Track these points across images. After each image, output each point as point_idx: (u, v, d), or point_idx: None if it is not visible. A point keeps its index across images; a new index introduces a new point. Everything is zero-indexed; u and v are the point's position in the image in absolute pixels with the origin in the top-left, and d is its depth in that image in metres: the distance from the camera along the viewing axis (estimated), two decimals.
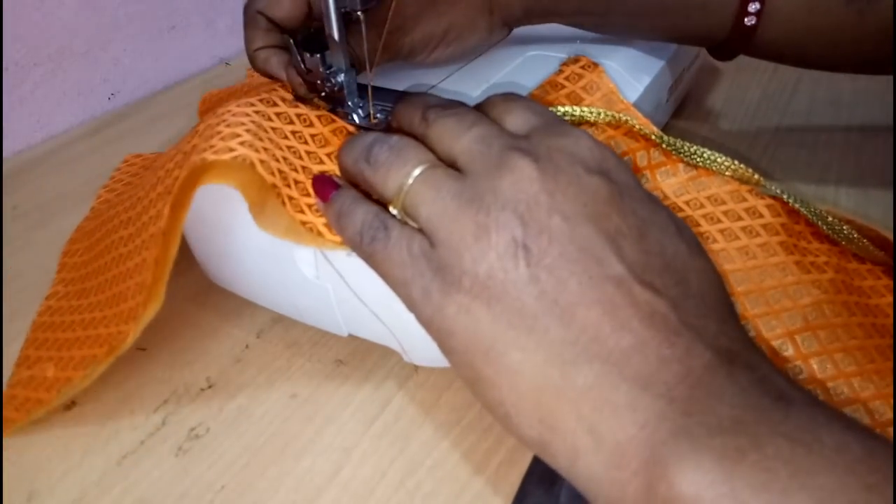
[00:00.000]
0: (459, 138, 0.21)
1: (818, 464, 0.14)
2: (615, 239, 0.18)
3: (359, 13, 0.26)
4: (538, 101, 0.29)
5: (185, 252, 0.31)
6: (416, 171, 0.21)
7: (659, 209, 0.21)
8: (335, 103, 0.29)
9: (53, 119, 0.52)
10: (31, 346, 0.29)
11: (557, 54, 0.35)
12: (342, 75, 0.28)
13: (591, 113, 0.27)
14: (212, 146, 0.24)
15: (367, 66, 0.29)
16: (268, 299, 0.29)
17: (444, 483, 0.23)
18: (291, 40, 0.29)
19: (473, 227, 0.19)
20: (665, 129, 0.42)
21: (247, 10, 0.29)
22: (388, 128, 0.27)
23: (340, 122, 0.28)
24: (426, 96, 0.24)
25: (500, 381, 0.18)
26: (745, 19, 0.30)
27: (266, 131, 0.25)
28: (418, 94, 0.25)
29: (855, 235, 0.26)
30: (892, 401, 0.21)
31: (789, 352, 0.22)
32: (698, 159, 0.26)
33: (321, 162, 0.26)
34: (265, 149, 0.24)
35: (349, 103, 0.29)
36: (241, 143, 0.24)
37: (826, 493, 0.14)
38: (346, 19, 0.27)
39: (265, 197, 0.24)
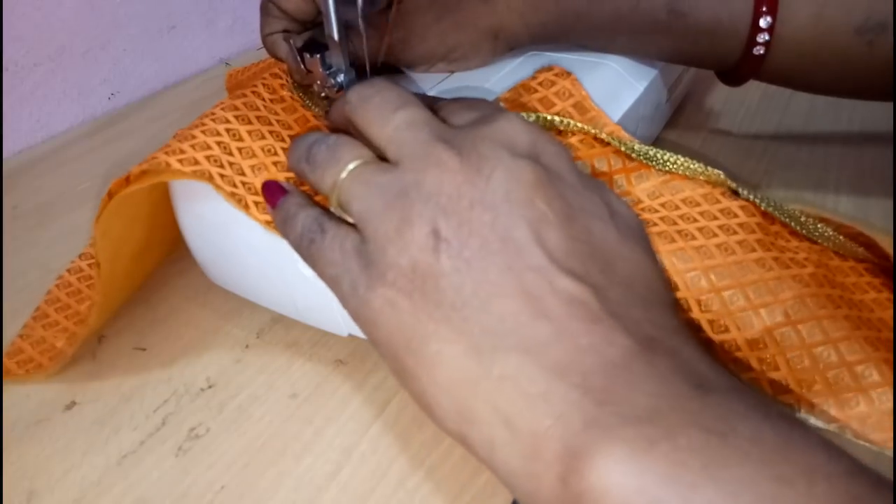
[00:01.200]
0: (385, 125, 0.21)
1: (731, 455, 0.14)
2: (537, 226, 0.18)
3: (360, 22, 0.27)
4: (509, 103, 0.29)
5: (185, 252, 0.31)
6: (350, 167, 0.21)
7: (592, 194, 0.20)
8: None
9: (53, 119, 0.52)
10: (52, 305, 0.31)
11: (557, 54, 0.35)
12: (342, 75, 0.28)
13: (562, 123, 0.27)
14: (182, 151, 0.25)
15: (367, 67, 0.29)
16: (268, 299, 0.29)
17: (443, 483, 0.23)
18: (291, 41, 0.29)
19: (397, 221, 0.19)
20: (665, 128, 0.42)
21: None
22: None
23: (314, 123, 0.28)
24: (360, 84, 0.24)
25: (421, 372, 0.18)
26: (754, 48, 0.29)
27: (241, 140, 0.26)
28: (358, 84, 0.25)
29: (831, 233, 0.26)
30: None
31: (768, 348, 0.22)
32: (671, 166, 0.26)
33: (282, 139, 0.27)
34: (231, 163, 0.25)
35: None
36: (207, 158, 0.25)
37: (736, 485, 0.13)
38: (347, 24, 0.27)
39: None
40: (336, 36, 0.27)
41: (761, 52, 0.29)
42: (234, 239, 0.27)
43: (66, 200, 0.42)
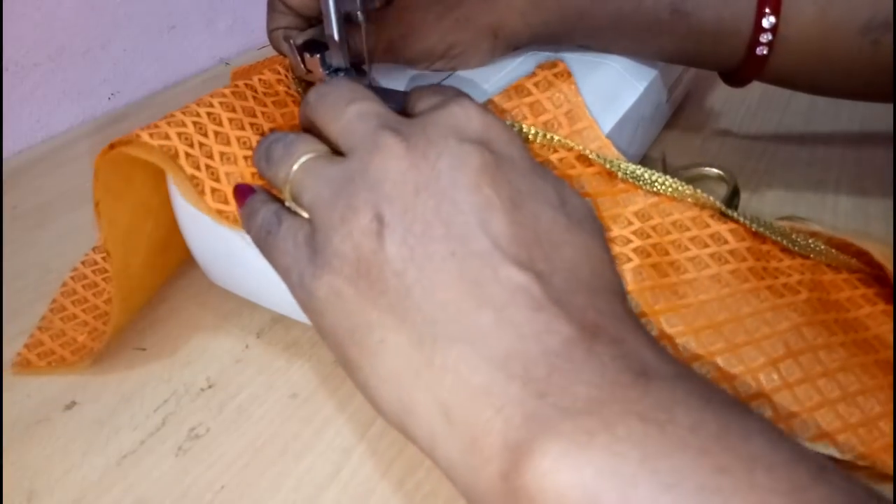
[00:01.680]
0: (338, 118, 0.21)
1: (670, 445, 0.14)
2: (483, 212, 0.18)
3: (359, 15, 0.26)
4: (496, 107, 0.29)
5: (185, 252, 0.31)
6: (301, 160, 0.21)
7: (542, 181, 0.20)
8: None
9: (53, 119, 0.52)
10: (68, 297, 0.31)
11: (557, 54, 0.35)
12: (342, 75, 0.28)
13: (543, 137, 0.27)
14: (157, 126, 0.26)
15: (367, 65, 0.29)
16: (268, 299, 0.29)
17: (444, 483, 0.23)
18: (291, 41, 0.29)
19: (342, 209, 0.19)
20: (665, 128, 0.42)
21: None
22: None
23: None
24: (318, 84, 0.24)
25: (364, 362, 0.18)
26: (757, 49, 0.29)
27: (220, 125, 0.27)
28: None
29: (822, 247, 0.25)
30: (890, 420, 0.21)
31: (775, 381, 0.21)
32: (659, 187, 0.26)
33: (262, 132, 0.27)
34: (201, 144, 0.26)
35: None
36: (179, 135, 0.25)
37: (675, 476, 0.13)
38: (347, 19, 0.27)
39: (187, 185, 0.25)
40: (336, 36, 0.27)
41: (764, 52, 0.29)
42: (234, 239, 0.27)
43: (66, 200, 0.42)
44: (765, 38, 0.29)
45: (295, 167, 0.21)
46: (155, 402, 0.27)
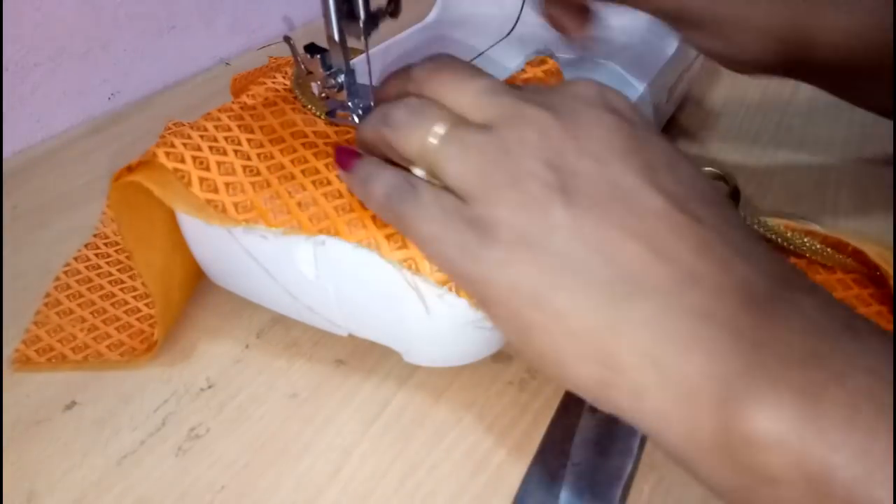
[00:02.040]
0: (463, 91, 0.21)
1: None
2: (648, 172, 0.18)
3: (363, 41, 0.27)
4: None
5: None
6: (439, 129, 0.20)
7: (675, 147, 0.20)
8: (335, 104, 0.29)
9: (53, 119, 0.52)
10: (62, 291, 0.32)
11: (557, 54, 0.35)
12: (342, 75, 0.28)
13: None
14: (172, 145, 0.26)
15: (367, 67, 0.29)
16: (268, 299, 0.29)
17: (444, 483, 0.23)
18: (291, 40, 0.29)
19: (507, 178, 0.19)
20: (665, 128, 0.42)
21: None
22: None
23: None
24: (422, 61, 0.24)
25: (551, 325, 0.17)
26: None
27: (240, 144, 0.27)
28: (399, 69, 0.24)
29: (818, 246, 0.25)
30: None
31: None
32: None
33: (261, 145, 0.27)
34: (185, 144, 0.26)
35: (349, 103, 0.29)
36: (194, 159, 0.26)
37: None
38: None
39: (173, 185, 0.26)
40: (336, 36, 0.27)
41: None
42: (234, 239, 0.27)
43: (66, 200, 0.42)
44: None
45: (433, 135, 0.20)
46: (155, 402, 0.27)
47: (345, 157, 0.24)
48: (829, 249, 0.25)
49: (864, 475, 0.13)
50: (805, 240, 0.25)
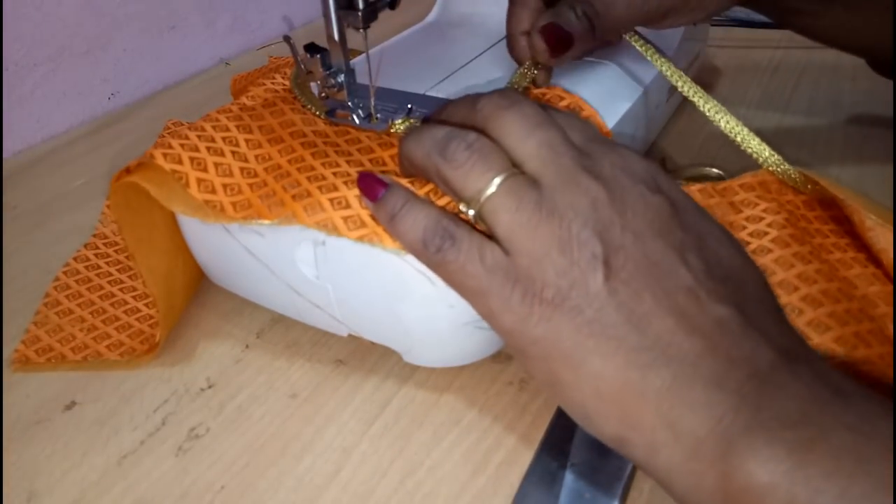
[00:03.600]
0: (525, 140, 0.22)
1: (877, 452, 0.16)
2: (681, 252, 0.20)
3: (360, 16, 0.27)
4: None
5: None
6: (498, 179, 0.21)
7: (710, 221, 0.22)
8: (335, 104, 0.29)
9: (53, 119, 0.52)
10: (62, 291, 0.32)
11: None
12: (342, 75, 0.28)
13: None
14: (170, 146, 0.26)
15: (368, 67, 0.29)
16: (268, 299, 0.29)
17: (444, 483, 0.23)
18: (291, 40, 0.29)
19: (557, 242, 0.20)
20: (665, 128, 0.42)
21: None
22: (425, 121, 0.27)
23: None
24: (471, 94, 0.24)
25: (582, 384, 0.19)
26: None
27: (237, 145, 0.28)
28: (463, 96, 0.25)
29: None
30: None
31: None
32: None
33: (259, 146, 0.27)
34: (182, 145, 0.27)
35: (349, 103, 0.29)
36: (192, 160, 0.26)
37: (886, 478, 0.15)
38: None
39: (170, 186, 0.26)
40: (336, 36, 0.27)
41: None
42: (234, 239, 0.27)
43: (66, 200, 0.42)
44: None
45: (493, 185, 0.21)
46: (155, 402, 0.27)
47: (369, 185, 0.23)
48: (801, 176, 0.28)
49: None
50: (791, 172, 0.28)
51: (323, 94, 0.29)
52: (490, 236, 0.21)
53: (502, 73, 0.34)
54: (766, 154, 0.28)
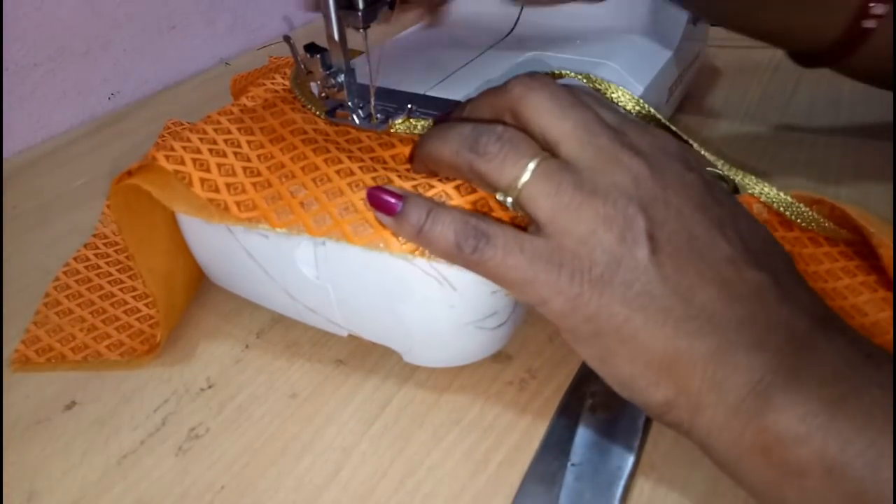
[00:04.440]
0: (560, 121, 0.22)
1: None
2: (720, 225, 0.21)
3: (359, 16, 0.27)
4: None
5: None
6: (532, 165, 0.21)
7: (736, 200, 0.23)
8: (335, 104, 0.29)
9: (53, 119, 0.52)
10: (62, 291, 0.32)
11: (557, 55, 0.36)
12: (342, 75, 0.28)
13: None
14: (172, 149, 0.26)
15: (368, 67, 0.29)
16: (268, 299, 0.29)
17: (444, 483, 0.23)
18: (291, 40, 0.29)
19: (602, 220, 0.20)
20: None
21: None
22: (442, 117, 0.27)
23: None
24: (521, 76, 0.24)
25: (634, 356, 0.20)
26: (864, 22, 0.29)
27: (239, 146, 0.27)
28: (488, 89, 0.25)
29: (821, 219, 0.26)
30: None
31: None
32: None
33: (261, 146, 0.27)
34: (184, 147, 0.27)
35: (349, 103, 0.29)
36: (195, 161, 0.26)
37: None
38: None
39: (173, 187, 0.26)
40: (336, 36, 0.27)
41: (871, 25, 0.29)
42: (234, 239, 0.27)
43: (66, 200, 0.42)
44: (878, 9, 0.29)
45: (528, 171, 0.21)
46: (155, 402, 0.27)
47: (383, 200, 0.23)
48: (829, 222, 0.26)
49: (871, 464, 0.16)
50: (807, 210, 0.26)
51: (323, 94, 0.29)
52: (525, 226, 0.22)
53: (502, 74, 0.34)
54: (773, 193, 0.26)
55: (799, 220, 0.26)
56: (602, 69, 0.34)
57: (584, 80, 0.27)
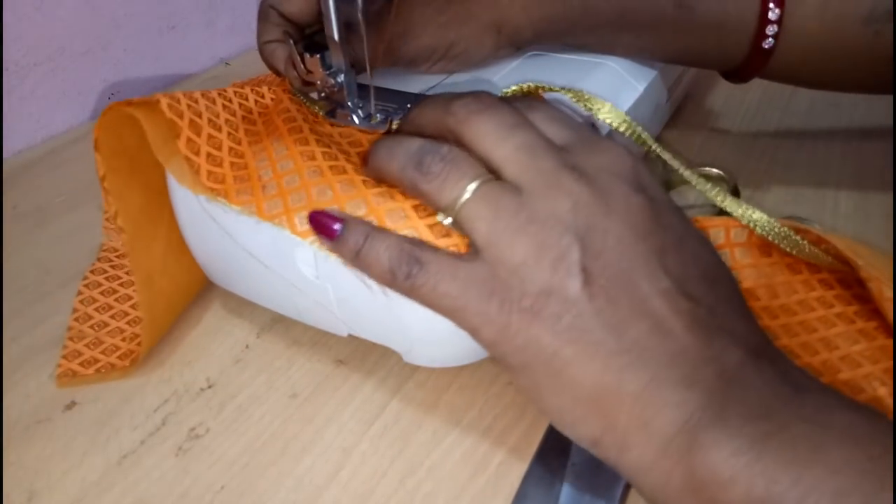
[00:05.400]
0: (502, 144, 0.21)
1: (831, 441, 0.17)
2: (660, 255, 0.20)
3: (359, 16, 0.26)
4: None
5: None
6: (473, 186, 0.21)
7: (686, 220, 0.22)
8: (335, 104, 0.29)
9: (53, 119, 0.52)
10: (89, 305, 0.32)
11: (557, 54, 0.35)
12: (342, 75, 0.28)
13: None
14: (178, 100, 0.27)
15: (367, 67, 0.29)
16: (268, 299, 0.29)
17: (444, 483, 0.23)
18: (292, 41, 0.29)
19: (535, 249, 0.20)
20: (665, 128, 0.42)
21: (261, 3, 0.30)
22: (393, 129, 0.27)
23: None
24: (443, 94, 0.24)
25: (562, 390, 0.19)
26: (763, 42, 0.29)
27: (239, 143, 0.28)
28: (436, 96, 0.25)
29: (805, 244, 0.24)
30: None
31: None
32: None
33: (258, 141, 0.28)
34: (189, 106, 0.27)
35: (349, 103, 0.29)
36: (191, 123, 0.27)
37: (838, 464, 0.16)
38: (347, 22, 0.27)
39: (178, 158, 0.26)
40: (336, 36, 0.27)
41: (770, 45, 0.29)
42: (234, 239, 0.27)
43: (66, 200, 0.42)
44: (770, 30, 0.29)
45: (468, 192, 0.21)
46: (155, 402, 0.27)
47: (323, 223, 0.23)
48: (814, 248, 0.24)
49: (798, 501, 0.16)
50: (791, 234, 0.25)
51: (323, 94, 0.29)
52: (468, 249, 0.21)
53: (503, 73, 0.34)
54: (759, 218, 0.25)
55: (785, 245, 0.25)
56: (602, 69, 0.34)
57: (571, 97, 0.27)
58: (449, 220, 0.22)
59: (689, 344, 0.19)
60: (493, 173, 0.22)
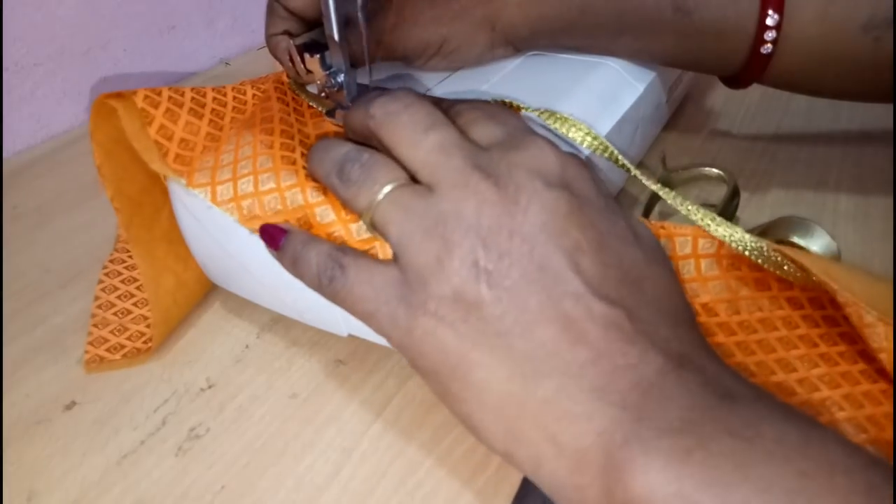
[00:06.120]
0: (416, 147, 0.21)
1: (758, 456, 0.15)
2: (573, 255, 0.19)
3: (359, 16, 0.26)
4: None
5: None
6: (385, 190, 0.21)
7: (617, 218, 0.21)
8: (335, 104, 0.29)
9: (53, 119, 0.52)
10: (112, 293, 0.32)
11: (556, 54, 0.35)
12: (342, 75, 0.28)
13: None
14: (159, 94, 0.28)
15: (367, 66, 0.29)
16: (268, 299, 0.29)
17: (444, 483, 0.23)
18: (291, 41, 0.29)
19: (437, 251, 0.19)
20: (665, 129, 0.42)
21: None
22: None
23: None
24: (375, 92, 0.24)
25: (468, 396, 0.19)
26: (762, 48, 0.29)
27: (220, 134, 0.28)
28: (370, 92, 0.25)
29: (782, 261, 0.23)
30: None
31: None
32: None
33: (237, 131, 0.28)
34: (170, 98, 0.28)
35: (349, 104, 0.29)
36: (167, 111, 0.27)
37: (765, 482, 0.15)
38: (347, 21, 0.27)
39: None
40: (336, 36, 0.27)
41: (769, 50, 0.29)
42: (234, 239, 0.27)
43: (66, 200, 0.42)
44: (769, 36, 0.28)
45: (380, 196, 0.21)
46: (155, 402, 0.27)
47: (271, 235, 0.24)
48: (793, 266, 0.23)
49: None
50: (768, 250, 0.23)
51: (323, 94, 0.29)
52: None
53: (503, 73, 0.34)
54: (739, 236, 0.23)
55: (760, 261, 0.23)
56: (601, 69, 0.34)
57: (545, 118, 0.27)
58: (364, 226, 0.22)
59: (602, 351, 0.18)
60: (412, 176, 0.22)
